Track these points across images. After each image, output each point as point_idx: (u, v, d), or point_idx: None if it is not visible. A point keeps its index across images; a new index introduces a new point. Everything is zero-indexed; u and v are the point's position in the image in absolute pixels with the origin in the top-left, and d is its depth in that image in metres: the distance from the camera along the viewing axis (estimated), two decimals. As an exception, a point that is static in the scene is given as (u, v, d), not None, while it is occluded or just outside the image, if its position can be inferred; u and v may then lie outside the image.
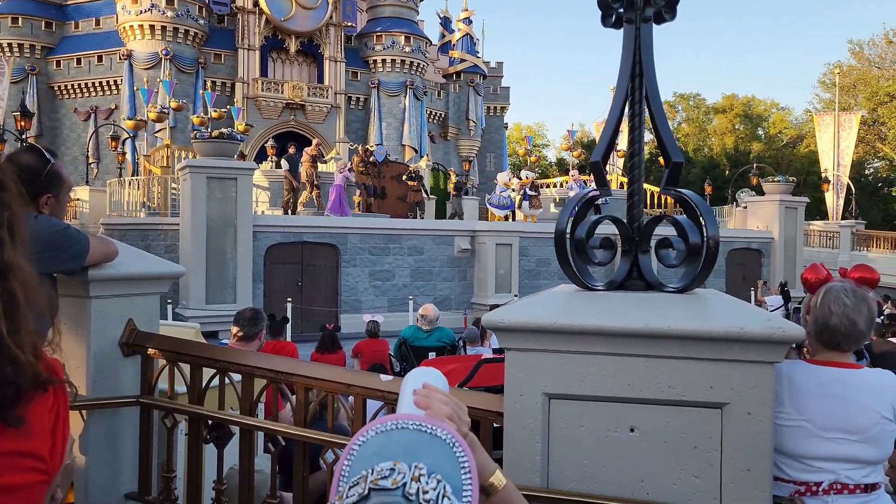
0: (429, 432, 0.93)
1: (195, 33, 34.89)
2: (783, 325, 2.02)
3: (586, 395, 2.18)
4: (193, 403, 2.71)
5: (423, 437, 0.93)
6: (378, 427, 0.94)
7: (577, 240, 2.35)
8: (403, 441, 0.92)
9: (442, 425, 0.94)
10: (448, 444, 0.92)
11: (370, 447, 0.92)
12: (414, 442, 0.92)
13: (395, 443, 0.92)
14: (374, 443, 0.92)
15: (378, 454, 0.90)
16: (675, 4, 2.33)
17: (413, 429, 0.94)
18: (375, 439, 0.93)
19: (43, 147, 2.50)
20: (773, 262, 22.96)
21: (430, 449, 0.92)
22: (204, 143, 15.57)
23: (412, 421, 0.94)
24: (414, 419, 0.95)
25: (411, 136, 40.01)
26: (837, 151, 32.76)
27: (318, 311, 16.19)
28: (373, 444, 0.92)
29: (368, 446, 0.92)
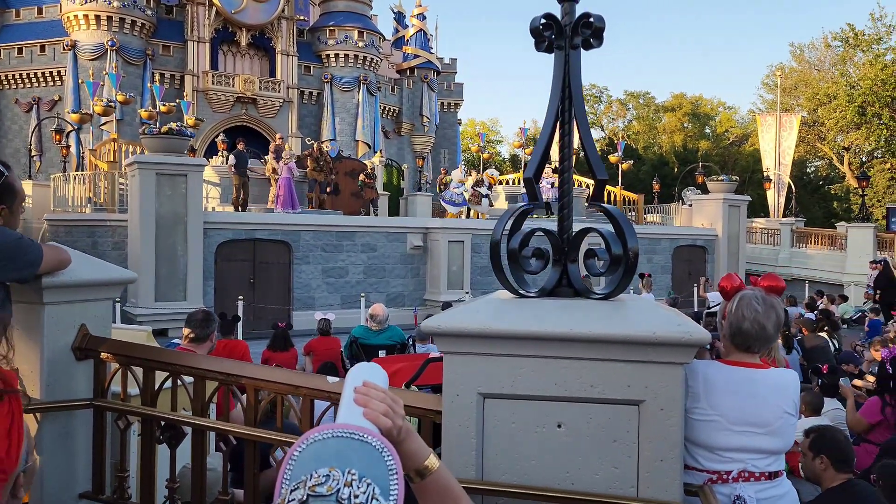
0: (360, 440, 1.07)
1: (142, 24, 34.14)
2: (690, 329, 2.24)
3: (517, 395, 2.36)
4: (146, 405, 2.81)
5: (354, 444, 1.07)
6: (315, 436, 1.07)
7: (511, 250, 2.54)
8: (338, 448, 1.05)
9: (372, 433, 1.09)
10: (377, 450, 1.06)
11: (309, 453, 1.05)
12: (347, 448, 1.05)
13: (330, 449, 1.05)
14: (311, 450, 1.05)
15: (316, 460, 1.03)
16: (601, 34, 2.53)
17: (346, 437, 1.07)
18: (313, 446, 1.06)
19: (0, 161, 2.56)
20: (717, 258, 23.71)
21: (360, 455, 1.05)
22: (153, 140, 15.35)
23: (346, 430, 1.08)
24: (348, 428, 1.08)
25: (365, 132, 39.88)
26: (779, 151, 33.89)
27: (271, 309, 16.16)
28: (311, 450, 1.05)
29: (307, 452, 1.05)
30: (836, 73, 45.35)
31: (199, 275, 15.72)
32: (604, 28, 2.53)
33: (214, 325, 4.29)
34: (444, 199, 23.24)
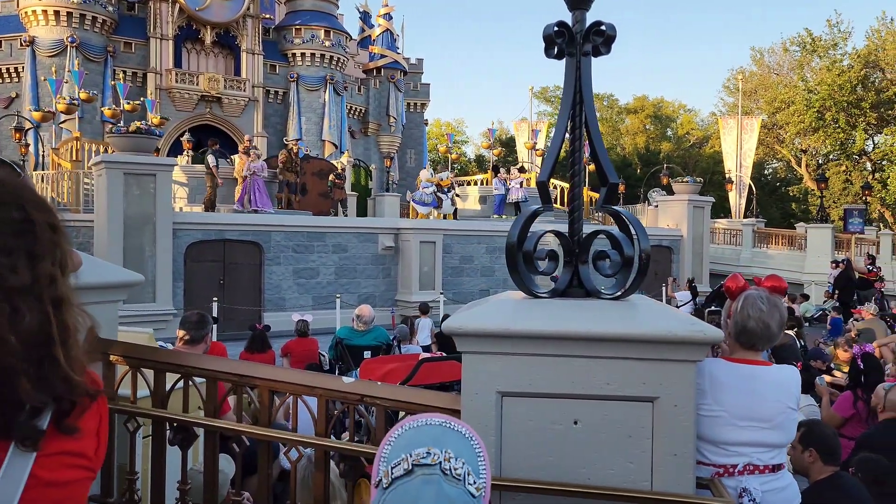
0: (452, 428, 1.21)
1: (103, 20, 33.45)
2: (704, 328, 2.32)
3: (535, 393, 2.42)
4: (157, 407, 2.81)
5: (448, 431, 1.21)
6: (411, 423, 1.21)
7: (526, 252, 2.60)
8: (433, 433, 1.19)
9: (460, 422, 1.19)
10: (467, 437, 1.20)
11: (405, 438, 1.18)
12: (442, 434, 1.20)
13: (426, 435, 1.19)
14: (408, 435, 1.19)
15: (412, 443, 1.16)
16: (611, 41, 2.60)
17: (439, 425, 1.21)
18: (409, 432, 1.20)
19: (10, 161, 2.54)
20: (682, 258, 24.14)
21: (454, 439, 1.19)
22: (120, 139, 15.09)
23: (438, 419, 1.23)
24: (440, 417, 1.23)
25: (331, 132, 39.67)
26: (740, 153, 34.66)
27: (241, 310, 16.00)
28: (407, 436, 1.19)
29: (404, 437, 1.19)
30: (795, 78, 46.50)
31: (168, 276, 15.51)
32: (615, 36, 2.61)
33: (209, 327, 4.28)
34: (413, 199, 23.25)
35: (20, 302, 1.10)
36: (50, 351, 1.13)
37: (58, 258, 1.19)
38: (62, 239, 1.21)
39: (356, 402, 2.64)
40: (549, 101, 67.05)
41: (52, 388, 1.13)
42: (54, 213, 1.21)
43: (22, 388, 1.08)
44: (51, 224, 1.19)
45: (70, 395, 1.16)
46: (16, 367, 1.08)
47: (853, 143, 44.07)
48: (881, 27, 44.14)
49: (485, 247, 20.63)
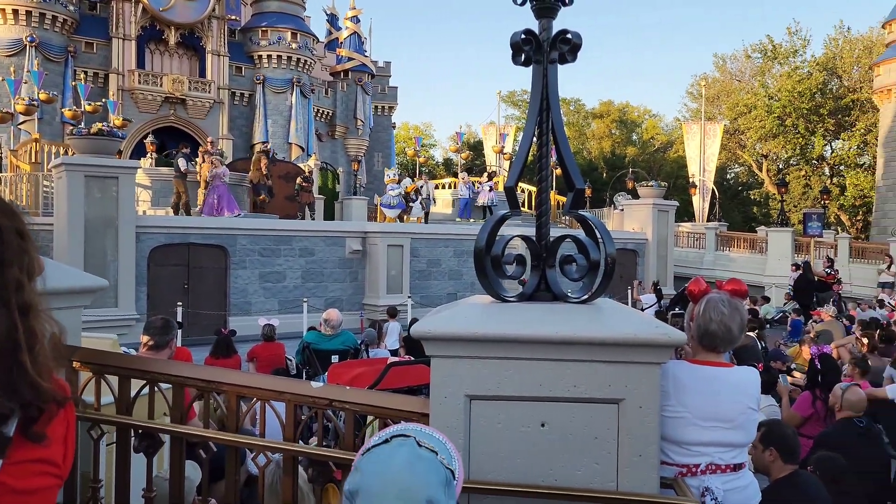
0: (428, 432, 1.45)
1: (64, 20, 32.81)
2: (668, 330, 2.37)
3: (503, 396, 2.45)
4: (122, 414, 2.77)
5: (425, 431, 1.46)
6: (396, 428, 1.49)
7: (494, 256, 2.62)
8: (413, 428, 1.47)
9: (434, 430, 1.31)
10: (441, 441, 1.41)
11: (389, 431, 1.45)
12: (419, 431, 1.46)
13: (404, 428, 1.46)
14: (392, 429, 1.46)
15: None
16: (577, 49, 2.65)
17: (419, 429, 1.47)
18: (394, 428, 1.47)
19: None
20: (647, 261, 24.47)
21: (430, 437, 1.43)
22: (82, 140, 14.81)
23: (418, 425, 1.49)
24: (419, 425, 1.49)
25: (298, 135, 39.41)
26: (703, 158, 35.28)
27: (206, 315, 15.80)
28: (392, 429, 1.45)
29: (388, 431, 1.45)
30: (756, 84, 47.51)
31: (130, 280, 15.24)
32: (581, 44, 2.65)
33: (174, 332, 4.22)
34: (381, 202, 23.15)
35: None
36: (17, 357, 1.12)
37: (25, 264, 1.18)
38: (30, 245, 1.20)
39: (325, 407, 2.64)
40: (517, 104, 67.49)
41: (20, 395, 1.12)
42: (22, 219, 1.20)
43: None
44: (18, 230, 1.18)
45: (37, 402, 1.15)
46: None
47: (812, 148, 45.17)
48: (839, 35, 45.36)
49: (452, 250, 20.68)
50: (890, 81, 35.30)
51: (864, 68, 42.12)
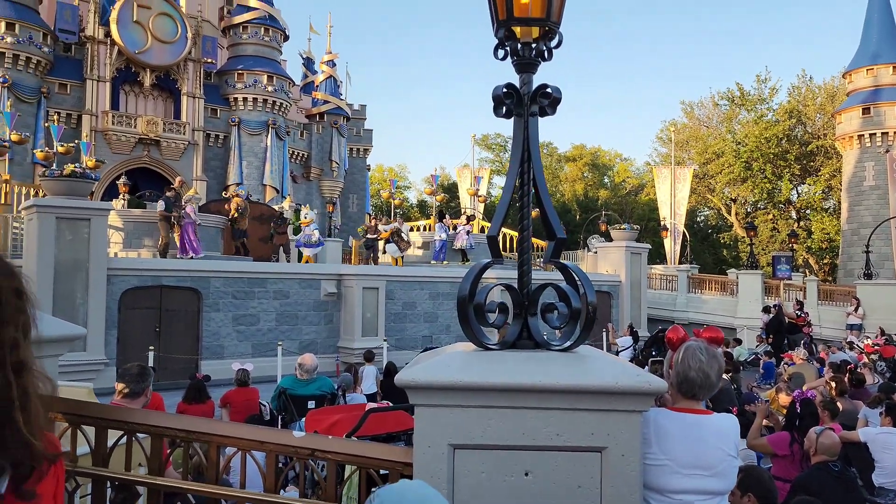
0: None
1: (38, 61, 32.77)
2: (650, 378, 2.41)
3: (487, 445, 2.45)
4: (98, 465, 2.72)
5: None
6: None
7: (477, 304, 2.65)
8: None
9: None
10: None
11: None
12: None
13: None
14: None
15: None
16: (556, 104, 2.73)
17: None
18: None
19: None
20: (621, 303, 24.66)
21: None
22: (54, 182, 14.66)
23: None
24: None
25: (273, 176, 39.46)
26: (674, 201, 35.93)
27: (178, 359, 15.53)
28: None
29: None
30: (724, 130, 48.78)
31: (100, 324, 14.96)
32: (560, 98, 2.74)
33: (150, 380, 4.16)
34: (298, 242, 22.23)
35: None
36: (10, 415, 1.12)
37: (21, 323, 1.19)
38: (27, 305, 1.21)
39: (307, 457, 2.61)
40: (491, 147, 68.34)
41: (11, 453, 1.12)
42: (20, 279, 1.21)
43: None
44: (16, 289, 1.19)
45: (29, 460, 1.15)
46: None
47: (779, 192, 46.25)
48: (801, 84, 46.89)
49: (427, 293, 20.66)
50: (851, 129, 36.51)
51: (827, 115, 43.52)
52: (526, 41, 2.75)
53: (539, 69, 2.84)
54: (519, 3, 2.66)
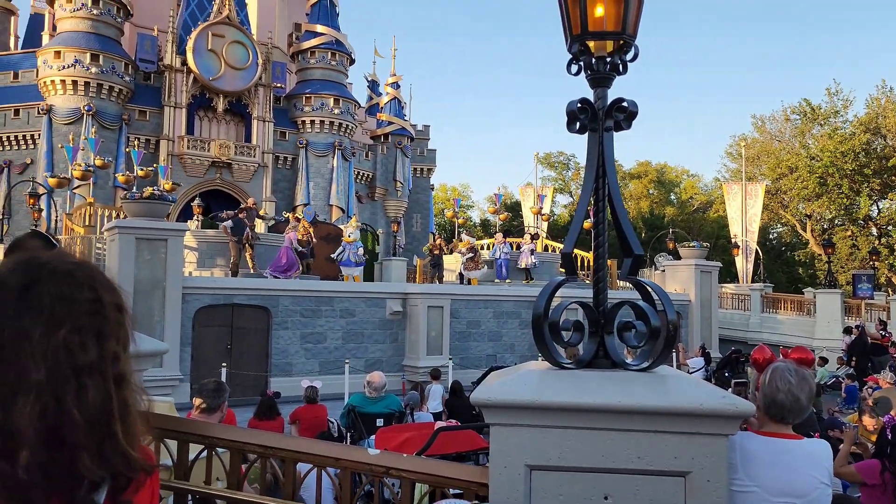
0: None
1: (120, 89, 34.39)
2: (736, 401, 2.31)
3: (564, 466, 2.39)
4: (180, 479, 2.78)
5: None
6: None
7: (552, 322, 2.61)
8: None
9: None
10: None
11: None
12: None
13: None
14: None
15: None
16: (633, 118, 2.68)
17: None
18: None
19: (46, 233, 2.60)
20: (690, 324, 23.99)
21: None
22: (134, 204, 15.31)
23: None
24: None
25: (339, 197, 40.19)
26: (745, 218, 34.87)
27: (249, 376, 15.88)
28: None
29: None
30: (797, 145, 47.17)
31: (176, 341, 15.46)
32: (636, 112, 2.68)
33: (225, 395, 4.25)
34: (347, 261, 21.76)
35: (86, 379, 1.13)
36: (110, 427, 1.15)
37: (121, 337, 1.22)
38: (126, 319, 1.25)
39: (382, 475, 2.61)
40: (553, 166, 68.01)
41: (111, 464, 1.14)
42: (120, 294, 1.26)
43: (83, 464, 1.11)
44: (117, 304, 1.23)
45: (127, 471, 1.17)
46: (79, 443, 1.10)
47: (858, 208, 44.32)
48: (881, 95, 44.99)
49: (492, 311, 20.58)
50: (936, 141, 34.77)
51: (910, 128, 41.64)
52: (600, 55, 2.71)
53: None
54: (593, 17, 2.63)
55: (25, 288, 1.15)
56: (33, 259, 1.21)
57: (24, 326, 1.11)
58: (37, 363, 1.10)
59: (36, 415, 1.08)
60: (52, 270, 1.18)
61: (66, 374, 1.11)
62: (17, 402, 1.07)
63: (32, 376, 1.09)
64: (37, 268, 1.18)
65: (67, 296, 1.16)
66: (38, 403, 1.08)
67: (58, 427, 1.09)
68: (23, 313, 1.12)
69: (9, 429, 1.07)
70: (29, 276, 1.17)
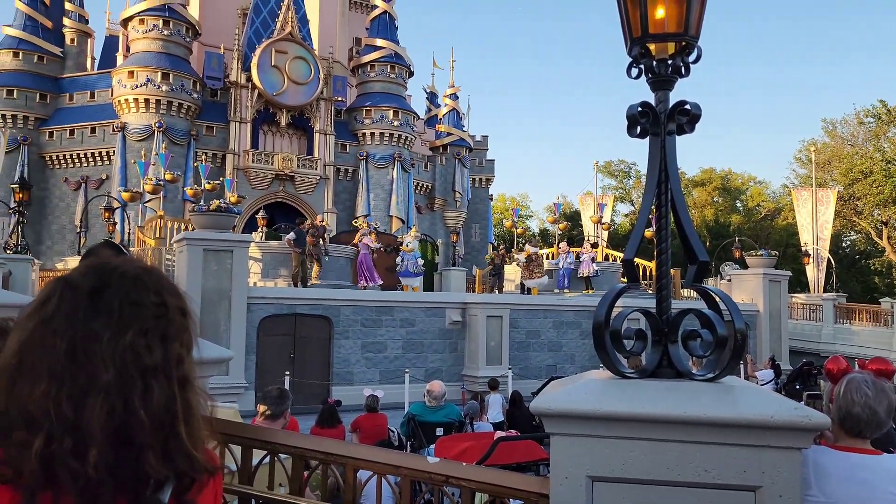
0: None
1: (189, 106, 35.63)
2: (810, 413, 2.21)
3: (627, 478, 2.33)
4: (244, 484, 2.82)
5: None
6: None
7: (613, 331, 2.55)
8: None
9: None
10: None
11: None
12: None
13: None
14: None
15: None
16: (696, 121, 2.61)
17: None
18: None
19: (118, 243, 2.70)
20: (759, 334, 23.25)
21: None
22: (201, 216, 15.80)
23: None
24: None
25: (399, 208, 40.59)
26: (816, 226, 33.62)
27: (311, 384, 16.13)
28: None
29: None
30: (871, 148, 45.28)
31: (241, 349, 15.84)
32: (700, 115, 2.62)
33: (288, 402, 4.33)
34: (406, 271, 21.78)
35: (152, 380, 1.16)
36: (174, 428, 1.17)
37: (185, 340, 1.25)
38: (190, 322, 1.27)
39: (441, 483, 2.60)
40: (614, 174, 67.10)
41: (176, 464, 1.17)
42: (184, 298, 1.28)
43: (149, 463, 1.13)
44: (181, 308, 1.26)
45: (191, 472, 1.20)
46: (145, 442, 1.13)
47: (938, 214, 42.24)
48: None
49: (551, 321, 20.38)
50: None
51: None
52: (661, 58, 2.65)
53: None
54: (654, 19, 2.58)
55: (96, 291, 1.19)
56: (104, 264, 1.25)
57: (95, 329, 1.15)
58: (106, 365, 1.13)
59: (105, 415, 1.11)
60: (122, 275, 1.22)
61: (132, 376, 1.14)
62: (88, 403, 1.11)
63: (102, 377, 1.12)
64: (107, 272, 1.22)
65: (135, 299, 1.20)
66: (106, 404, 1.11)
67: (125, 427, 1.12)
68: (93, 316, 1.16)
69: (79, 428, 1.10)
70: (99, 280, 1.21)
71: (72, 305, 1.17)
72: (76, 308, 1.16)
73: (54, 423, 1.09)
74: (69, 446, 1.09)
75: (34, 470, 1.08)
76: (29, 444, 1.09)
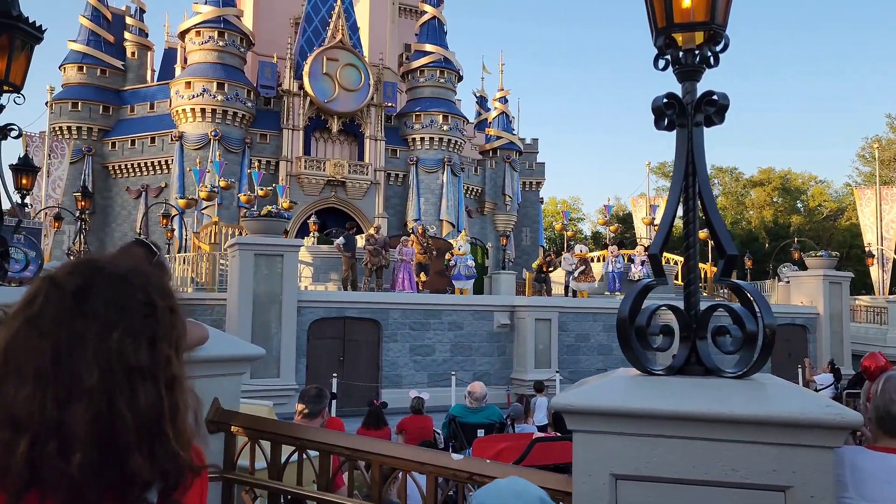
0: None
1: (243, 115, 36.47)
2: (842, 410, 2.13)
3: (652, 477, 2.28)
4: (273, 479, 2.87)
5: None
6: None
7: (639, 327, 2.50)
8: None
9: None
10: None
11: None
12: None
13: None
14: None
15: None
16: (724, 111, 2.55)
17: None
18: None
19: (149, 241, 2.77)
20: (818, 338, 22.49)
21: None
22: (253, 221, 16.14)
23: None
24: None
25: (449, 212, 40.67)
26: (881, 225, 32.36)
27: (360, 386, 16.29)
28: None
29: None
30: (939, 144, 43.41)
31: (291, 352, 16.09)
32: (728, 105, 2.55)
33: (326, 401, 4.38)
34: (458, 274, 21.83)
35: (138, 381, 1.15)
36: (161, 428, 1.16)
37: (174, 340, 1.24)
38: (179, 321, 1.26)
39: (465, 481, 2.59)
40: (667, 175, 65.76)
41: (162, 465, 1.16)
42: (174, 297, 1.27)
43: (135, 464, 1.12)
44: (170, 307, 1.25)
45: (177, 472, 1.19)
46: (131, 444, 1.12)
47: None
48: None
49: (601, 324, 20.11)
50: None
51: None
52: (688, 48, 2.59)
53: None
54: (680, 8, 2.53)
55: (81, 291, 1.16)
56: (91, 262, 1.22)
57: (79, 330, 1.13)
58: (90, 366, 1.11)
59: (90, 417, 1.09)
60: (108, 274, 1.20)
61: (118, 377, 1.12)
62: (73, 405, 1.09)
63: (86, 379, 1.10)
64: (92, 271, 1.20)
65: (121, 300, 1.17)
66: (91, 406, 1.10)
67: (110, 429, 1.11)
68: (78, 317, 1.14)
69: (65, 430, 1.09)
70: (85, 279, 1.18)
71: (56, 306, 1.15)
72: (60, 308, 1.15)
73: (40, 426, 1.08)
74: (54, 448, 1.08)
75: (20, 471, 1.07)
76: (14, 445, 1.08)
